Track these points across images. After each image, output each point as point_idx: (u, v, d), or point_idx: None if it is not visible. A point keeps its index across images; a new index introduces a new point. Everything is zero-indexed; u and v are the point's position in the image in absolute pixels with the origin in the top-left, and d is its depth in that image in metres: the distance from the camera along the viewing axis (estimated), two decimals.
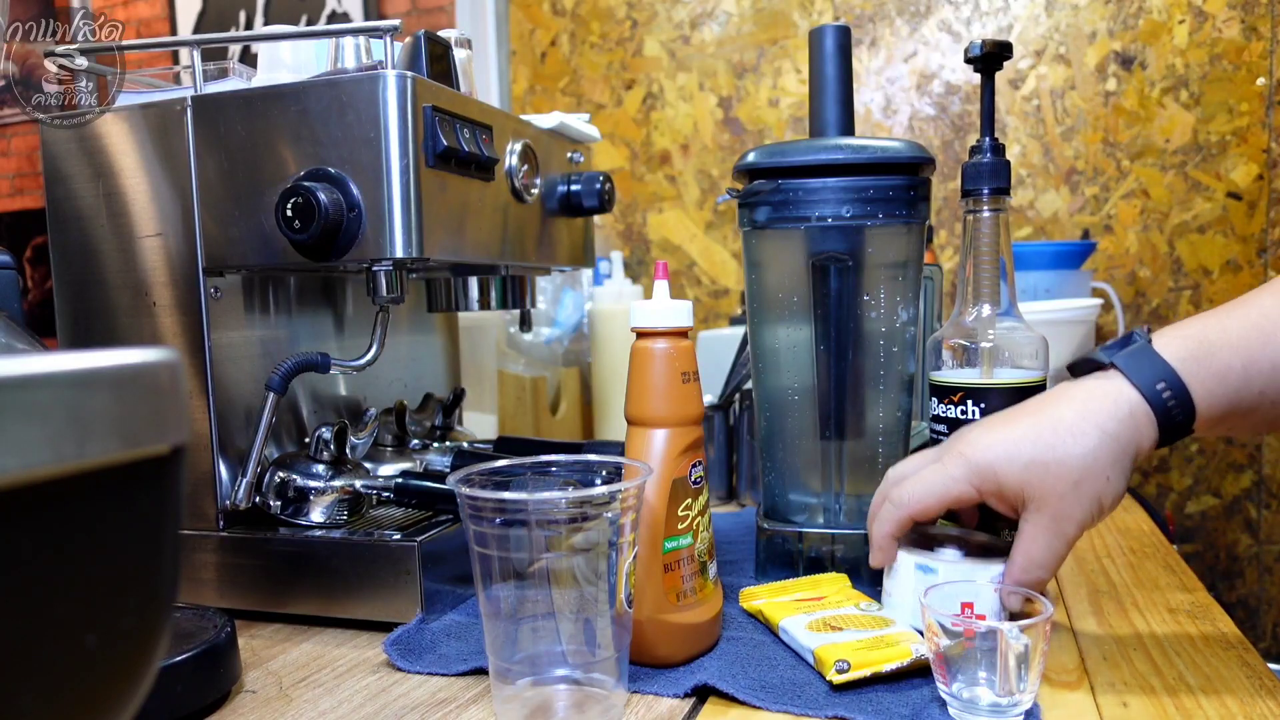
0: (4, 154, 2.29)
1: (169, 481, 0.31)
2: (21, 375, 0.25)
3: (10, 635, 0.26)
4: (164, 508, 0.31)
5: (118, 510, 0.29)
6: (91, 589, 0.28)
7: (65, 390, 0.26)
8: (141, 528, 0.30)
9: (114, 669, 0.30)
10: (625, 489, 0.49)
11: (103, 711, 0.30)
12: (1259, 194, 1.39)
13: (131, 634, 0.30)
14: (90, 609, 0.28)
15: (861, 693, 0.52)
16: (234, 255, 0.67)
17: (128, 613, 0.29)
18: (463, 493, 0.49)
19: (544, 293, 1.27)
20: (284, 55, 0.74)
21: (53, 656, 0.27)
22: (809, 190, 0.67)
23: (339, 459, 0.73)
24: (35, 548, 0.26)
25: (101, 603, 0.29)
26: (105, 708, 0.30)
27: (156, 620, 0.31)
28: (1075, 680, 0.54)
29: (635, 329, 0.58)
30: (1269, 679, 0.53)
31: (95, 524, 0.28)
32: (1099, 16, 1.45)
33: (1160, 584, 0.71)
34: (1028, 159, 1.50)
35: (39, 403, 0.25)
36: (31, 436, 0.25)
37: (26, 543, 0.26)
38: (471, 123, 0.69)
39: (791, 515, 0.74)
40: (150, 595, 0.30)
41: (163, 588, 0.31)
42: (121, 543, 0.29)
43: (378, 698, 0.55)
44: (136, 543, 0.30)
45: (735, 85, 1.66)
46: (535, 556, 0.49)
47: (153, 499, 0.30)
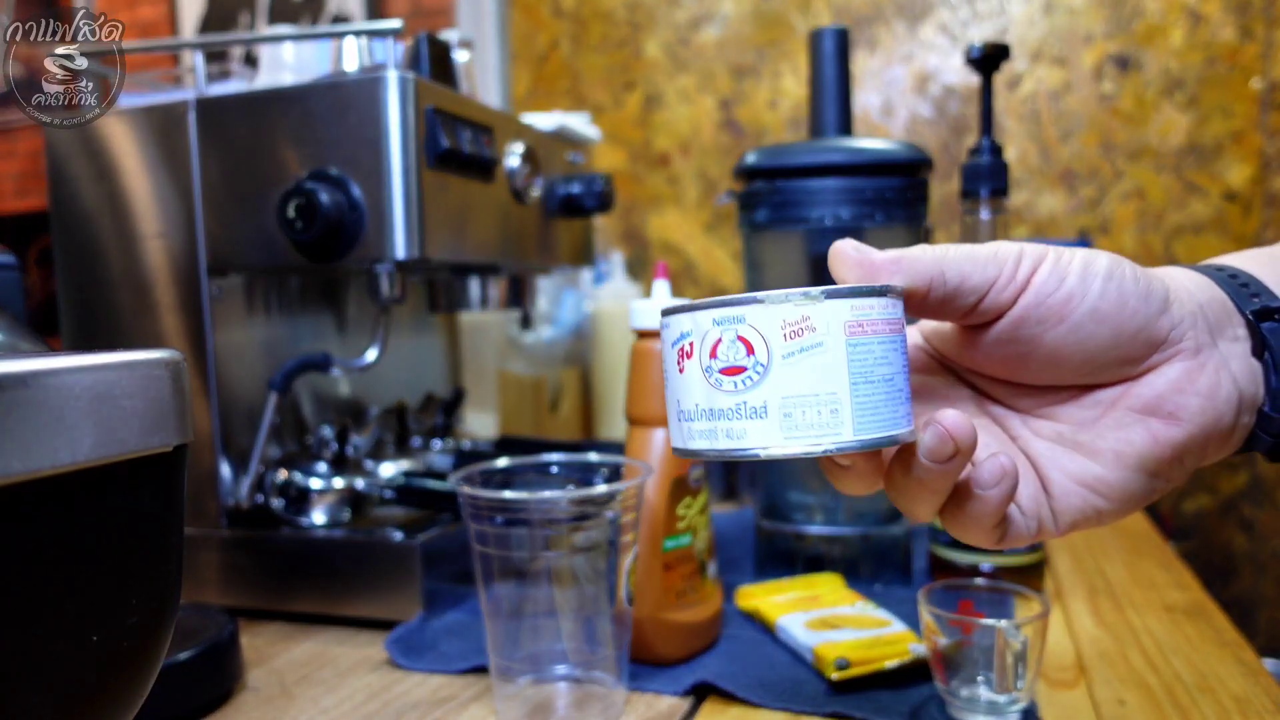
0: (9, 155, 2.29)
1: (172, 480, 0.31)
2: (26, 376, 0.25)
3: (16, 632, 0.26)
4: (167, 506, 0.31)
5: (122, 509, 0.29)
6: (96, 587, 0.28)
7: (69, 391, 0.26)
8: (145, 526, 0.30)
9: (118, 666, 0.30)
10: (625, 488, 0.49)
11: (107, 708, 0.30)
12: (1254, 195, 1.40)
13: (136, 631, 0.30)
14: (95, 607, 0.28)
15: (860, 691, 0.52)
16: (236, 256, 0.68)
17: (132, 611, 0.30)
18: (464, 492, 0.49)
19: (544, 293, 1.27)
20: (286, 57, 0.75)
21: (58, 653, 0.27)
22: (808, 191, 0.68)
23: (341, 458, 0.74)
24: (40, 546, 0.26)
25: (106, 600, 0.29)
26: (110, 704, 0.30)
27: (160, 618, 0.31)
28: (1073, 678, 0.55)
29: (635, 329, 0.58)
30: (1264, 676, 0.53)
31: (99, 523, 0.28)
32: (1095, 19, 1.46)
33: (1157, 582, 0.71)
34: (1025, 160, 1.51)
35: (44, 403, 0.26)
36: (36, 436, 0.25)
37: (31, 541, 0.26)
38: (472, 124, 0.70)
39: (790, 514, 0.74)
40: (154, 593, 0.31)
41: (166, 586, 0.32)
42: (125, 541, 0.29)
43: (379, 695, 0.55)
44: (140, 541, 0.30)
45: (734, 87, 1.67)
46: (536, 555, 0.50)
47: (156, 498, 0.30)
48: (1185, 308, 0.32)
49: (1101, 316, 0.31)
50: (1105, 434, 0.32)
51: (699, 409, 0.28)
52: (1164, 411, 0.32)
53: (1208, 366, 0.32)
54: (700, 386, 0.28)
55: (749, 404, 0.27)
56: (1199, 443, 0.32)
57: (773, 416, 0.27)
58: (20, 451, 0.25)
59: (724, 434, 0.27)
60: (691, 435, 0.29)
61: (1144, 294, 0.31)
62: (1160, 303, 0.31)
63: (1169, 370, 0.32)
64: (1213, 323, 0.33)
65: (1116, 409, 0.32)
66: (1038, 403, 0.34)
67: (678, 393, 0.29)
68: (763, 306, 0.27)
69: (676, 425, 0.30)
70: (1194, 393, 0.31)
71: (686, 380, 0.28)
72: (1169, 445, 0.31)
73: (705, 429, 0.28)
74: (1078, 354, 0.31)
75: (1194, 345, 0.32)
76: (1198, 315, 0.32)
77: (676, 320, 0.29)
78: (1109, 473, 0.32)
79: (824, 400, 0.27)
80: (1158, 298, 0.32)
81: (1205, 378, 0.31)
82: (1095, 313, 0.31)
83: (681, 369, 0.28)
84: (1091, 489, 0.32)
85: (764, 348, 0.27)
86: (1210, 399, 0.31)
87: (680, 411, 0.29)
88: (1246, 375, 0.32)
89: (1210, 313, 0.33)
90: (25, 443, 0.25)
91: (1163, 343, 0.32)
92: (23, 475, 0.25)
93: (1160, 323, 0.31)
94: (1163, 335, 0.31)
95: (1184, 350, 0.32)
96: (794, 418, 0.27)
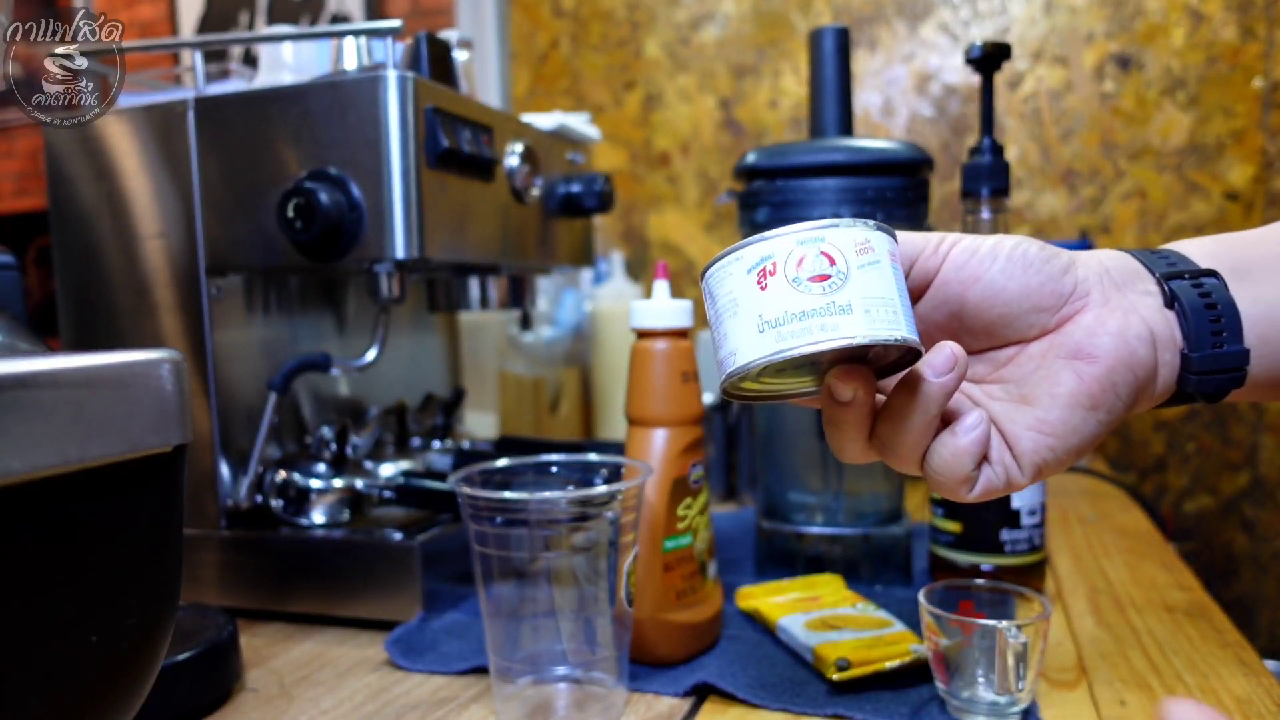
0: (8, 155, 2.29)
1: (171, 481, 0.31)
2: (25, 376, 0.25)
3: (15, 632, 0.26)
4: (167, 507, 0.31)
5: (121, 509, 0.29)
6: (95, 587, 0.28)
7: (69, 391, 0.26)
8: (144, 527, 0.30)
9: (117, 667, 0.30)
10: (625, 489, 0.49)
11: (106, 709, 0.30)
12: (1255, 195, 1.39)
13: (135, 632, 0.30)
14: (94, 607, 0.28)
15: (861, 692, 0.52)
16: (236, 256, 0.68)
17: (131, 611, 0.30)
18: (464, 492, 0.49)
19: (544, 293, 1.27)
20: (285, 56, 0.75)
21: (57, 654, 0.27)
22: (808, 191, 0.68)
23: (340, 459, 0.74)
24: (39, 546, 0.26)
25: (105, 601, 0.29)
26: (109, 705, 0.30)
27: (160, 619, 0.31)
28: (1073, 679, 0.54)
29: (635, 329, 0.58)
30: (1266, 677, 0.53)
31: (99, 523, 0.28)
32: (1096, 18, 1.46)
33: (1157, 583, 0.71)
34: (1026, 160, 1.51)
35: (43, 403, 0.26)
36: (35, 436, 0.25)
37: (31, 541, 0.26)
38: (472, 124, 0.70)
39: (791, 514, 0.74)
40: (153, 594, 0.31)
41: (166, 586, 0.32)
42: (125, 542, 0.29)
43: (379, 696, 0.55)
44: (140, 542, 0.30)
45: (735, 86, 1.67)
46: (536, 556, 0.50)
47: (155, 498, 0.30)
48: (1089, 269, 0.39)
49: (1010, 274, 0.38)
50: (1041, 382, 0.38)
51: (788, 314, 0.34)
52: (1083, 353, 0.37)
53: (1116, 311, 0.37)
54: (788, 294, 0.34)
55: (836, 303, 0.34)
56: (1120, 374, 0.37)
57: (857, 311, 0.33)
58: (20, 452, 0.25)
59: (818, 328, 0.33)
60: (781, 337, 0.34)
61: (1047, 257, 0.38)
62: (1063, 265, 0.38)
63: (1082, 318, 0.38)
64: (1118, 280, 0.39)
65: (1047, 360, 0.38)
66: (988, 370, 0.40)
67: (758, 308, 0.34)
68: (838, 229, 0.34)
69: (756, 337, 0.34)
70: (1104, 332, 0.37)
71: (770, 294, 0.34)
72: (1093, 380, 0.37)
73: (797, 328, 0.34)
74: (997, 305, 0.38)
75: (1101, 297, 0.38)
76: (1102, 275, 0.38)
77: (753, 248, 0.35)
78: (1049, 414, 0.37)
79: (888, 301, 0.34)
80: (1060, 261, 0.38)
81: (1114, 319, 0.37)
82: (1004, 272, 0.38)
83: (763, 286, 0.34)
84: (1039, 431, 0.37)
85: (843, 260, 0.34)
86: (1120, 336, 0.37)
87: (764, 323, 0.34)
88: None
89: (1116, 273, 0.39)
90: (25, 443, 0.25)
91: (1070, 295, 0.38)
92: (22, 475, 0.25)
93: (1064, 280, 0.38)
94: (1068, 289, 0.38)
95: (1092, 301, 0.38)
96: (871, 313, 0.34)
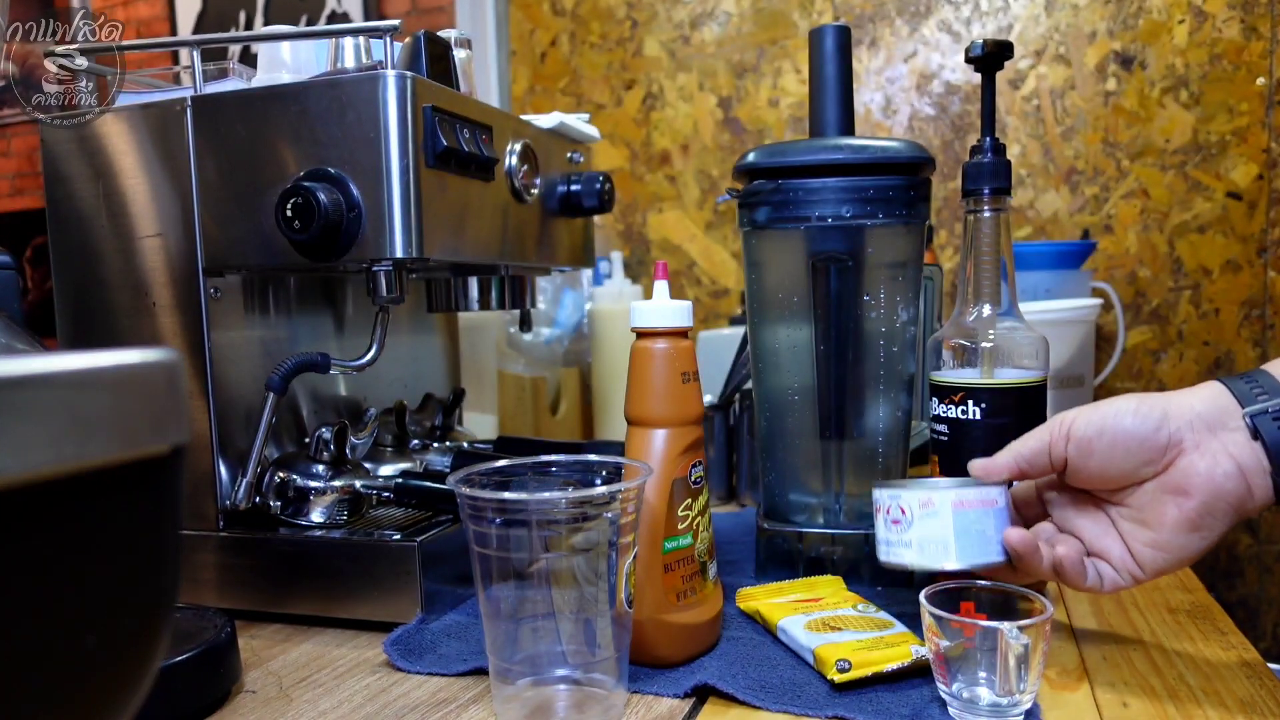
0: (4, 154, 2.29)
1: (169, 482, 0.31)
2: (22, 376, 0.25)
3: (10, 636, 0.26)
4: (164, 508, 0.31)
5: (118, 511, 0.29)
6: (92, 589, 0.28)
7: (65, 391, 0.26)
8: (142, 528, 0.30)
9: (114, 669, 0.30)
10: (625, 489, 0.49)
11: (103, 712, 0.30)
12: (1259, 194, 1.39)
13: (132, 634, 0.30)
14: (91, 609, 0.28)
15: (861, 693, 0.52)
16: (234, 255, 0.67)
17: (128, 613, 0.29)
18: (463, 493, 0.49)
19: (544, 293, 1.27)
20: (284, 55, 0.74)
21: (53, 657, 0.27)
22: (809, 190, 0.67)
23: (339, 459, 0.73)
24: (35, 548, 0.26)
25: (102, 603, 0.29)
26: (106, 708, 0.30)
27: (157, 621, 0.31)
28: (1075, 680, 0.54)
29: (635, 329, 0.58)
30: (1269, 679, 0.53)
31: (95, 524, 0.28)
32: (1099, 16, 1.45)
33: (1160, 584, 0.71)
34: (1028, 159, 1.50)
35: (39, 403, 0.25)
36: (32, 437, 0.25)
37: (26, 543, 0.26)
38: (471, 123, 0.69)
39: (791, 515, 0.74)
40: (151, 595, 0.30)
41: (163, 588, 0.31)
42: (122, 543, 0.29)
43: (378, 698, 0.55)
44: (137, 543, 0.30)
45: (735, 85, 1.66)
46: (535, 556, 0.49)
47: (153, 499, 0.30)
48: (1182, 419, 0.49)
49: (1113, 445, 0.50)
50: (1153, 511, 0.50)
51: (883, 538, 0.54)
52: (1181, 490, 0.49)
53: (1206, 455, 0.48)
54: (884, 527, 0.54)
55: (903, 539, 0.53)
56: (1213, 504, 0.48)
57: (914, 546, 0.52)
58: (15, 452, 0.25)
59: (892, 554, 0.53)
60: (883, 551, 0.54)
61: (1140, 420, 0.49)
62: (1156, 422, 0.49)
63: (1180, 461, 0.49)
64: (1209, 421, 0.49)
65: (1157, 494, 0.50)
66: (1117, 498, 0.52)
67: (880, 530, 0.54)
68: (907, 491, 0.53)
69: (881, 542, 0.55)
70: (1195, 474, 0.48)
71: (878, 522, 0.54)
72: (1191, 510, 0.49)
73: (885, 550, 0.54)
74: (1111, 468, 0.51)
75: (1193, 441, 0.49)
76: (1193, 420, 0.49)
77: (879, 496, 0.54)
78: (1159, 535, 0.50)
79: (938, 541, 0.51)
80: (1153, 420, 0.49)
81: (1204, 462, 0.48)
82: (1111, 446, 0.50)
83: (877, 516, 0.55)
84: (1154, 548, 0.50)
85: (910, 512, 0.52)
86: (1208, 476, 0.48)
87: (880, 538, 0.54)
88: (1248, 454, 0.47)
89: (1207, 415, 0.49)
90: (20, 443, 0.25)
91: (1166, 446, 0.49)
92: (18, 476, 0.25)
93: (1159, 435, 0.49)
94: (1164, 441, 0.49)
95: (1186, 446, 0.49)
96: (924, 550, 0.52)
